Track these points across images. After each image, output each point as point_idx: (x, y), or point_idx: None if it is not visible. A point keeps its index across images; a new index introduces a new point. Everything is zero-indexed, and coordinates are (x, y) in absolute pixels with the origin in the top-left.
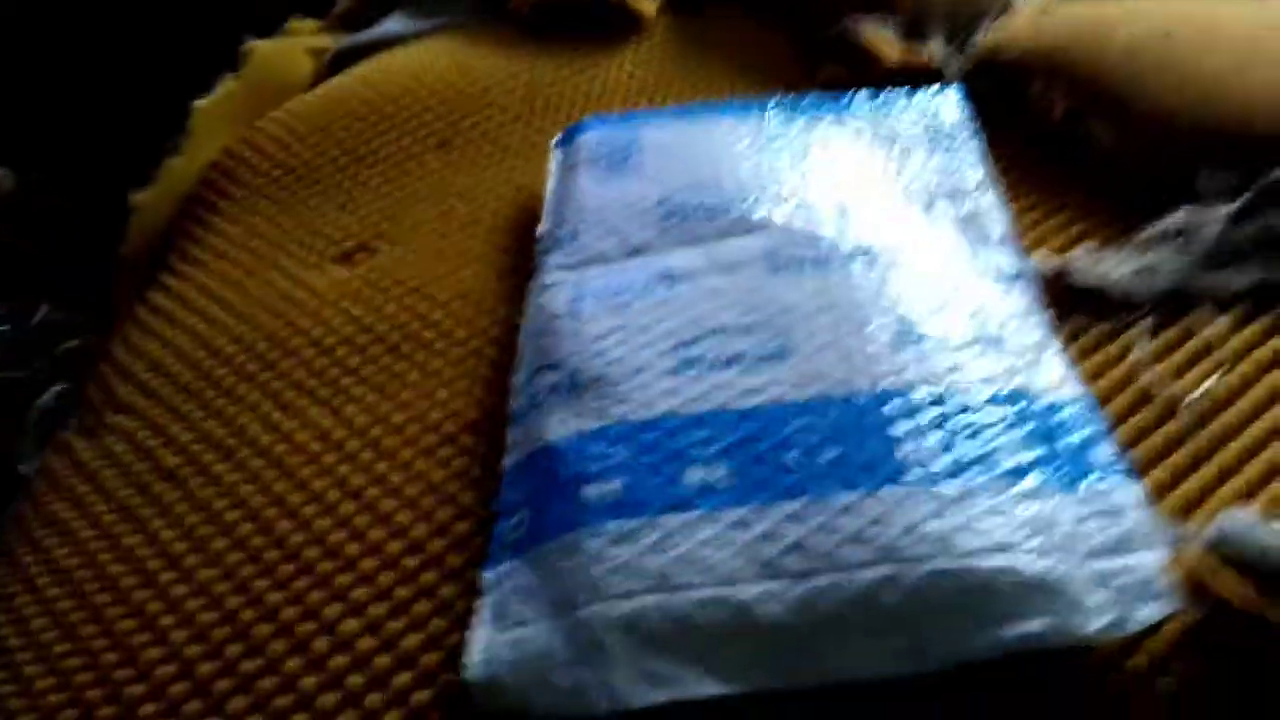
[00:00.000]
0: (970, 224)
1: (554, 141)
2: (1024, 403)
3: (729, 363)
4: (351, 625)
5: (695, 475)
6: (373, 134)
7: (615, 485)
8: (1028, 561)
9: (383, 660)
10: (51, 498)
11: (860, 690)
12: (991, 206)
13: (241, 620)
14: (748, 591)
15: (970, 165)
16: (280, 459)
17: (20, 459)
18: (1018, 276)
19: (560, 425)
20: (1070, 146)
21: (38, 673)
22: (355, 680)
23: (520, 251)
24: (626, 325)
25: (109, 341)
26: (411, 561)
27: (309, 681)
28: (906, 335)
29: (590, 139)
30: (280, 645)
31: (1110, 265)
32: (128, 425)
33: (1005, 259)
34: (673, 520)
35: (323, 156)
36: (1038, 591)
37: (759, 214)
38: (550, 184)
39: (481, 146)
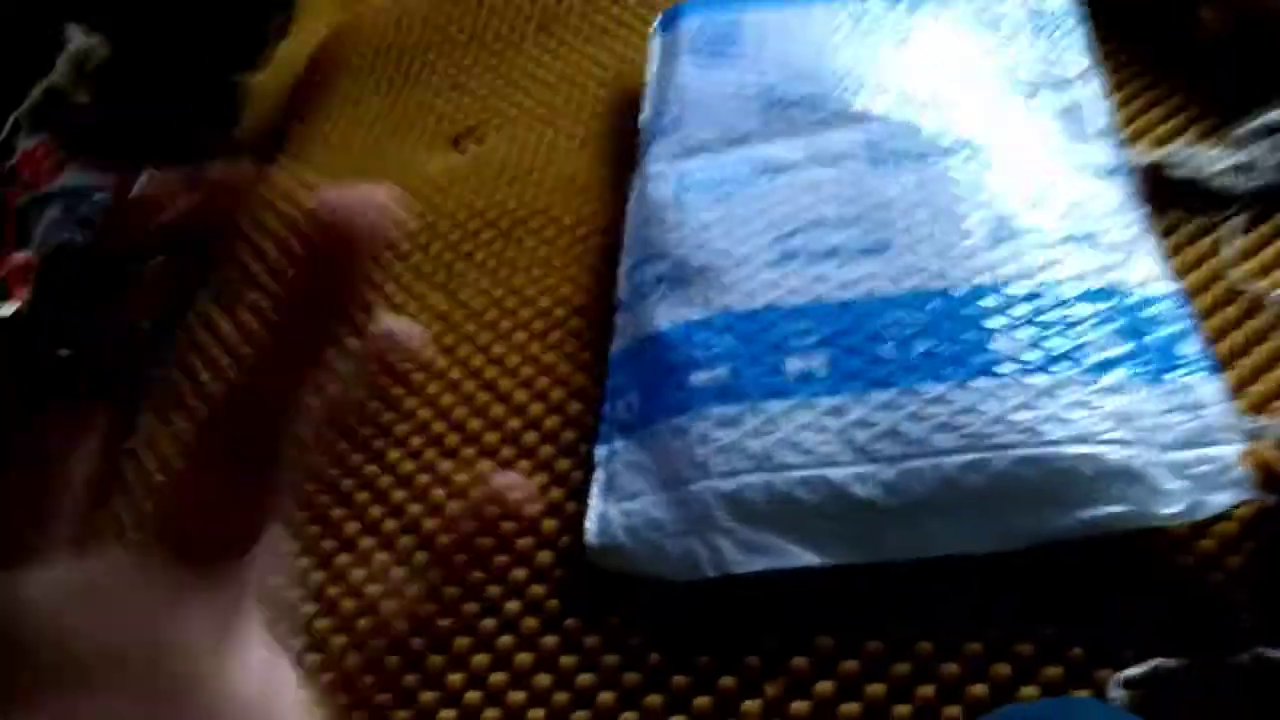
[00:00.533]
0: (1070, 116)
1: (654, 25)
2: (1115, 298)
3: (828, 255)
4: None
5: (795, 364)
6: (474, 16)
7: (720, 372)
8: (1109, 450)
9: (507, 525)
10: (195, 362)
11: (945, 566)
12: (1093, 98)
13: (379, 485)
14: (843, 473)
15: (1074, 53)
16: None
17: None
18: (1115, 170)
19: (667, 314)
20: (1177, 33)
21: None
22: (484, 542)
23: (623, 137)
24: (729, 216)
25: (234, 218)
26: (530, 437)
27: (443, 540)
28: (1002, 231)
29: (691, 24)
30: (416, 508)
31: (1207, 160)
32: (261, 303)
33: (1103, 153)
34: (774, 406)
35: (427, 39)
36: (1117, 478)
37: (859, 105)
38: (651, 70)
39: (580, 29)
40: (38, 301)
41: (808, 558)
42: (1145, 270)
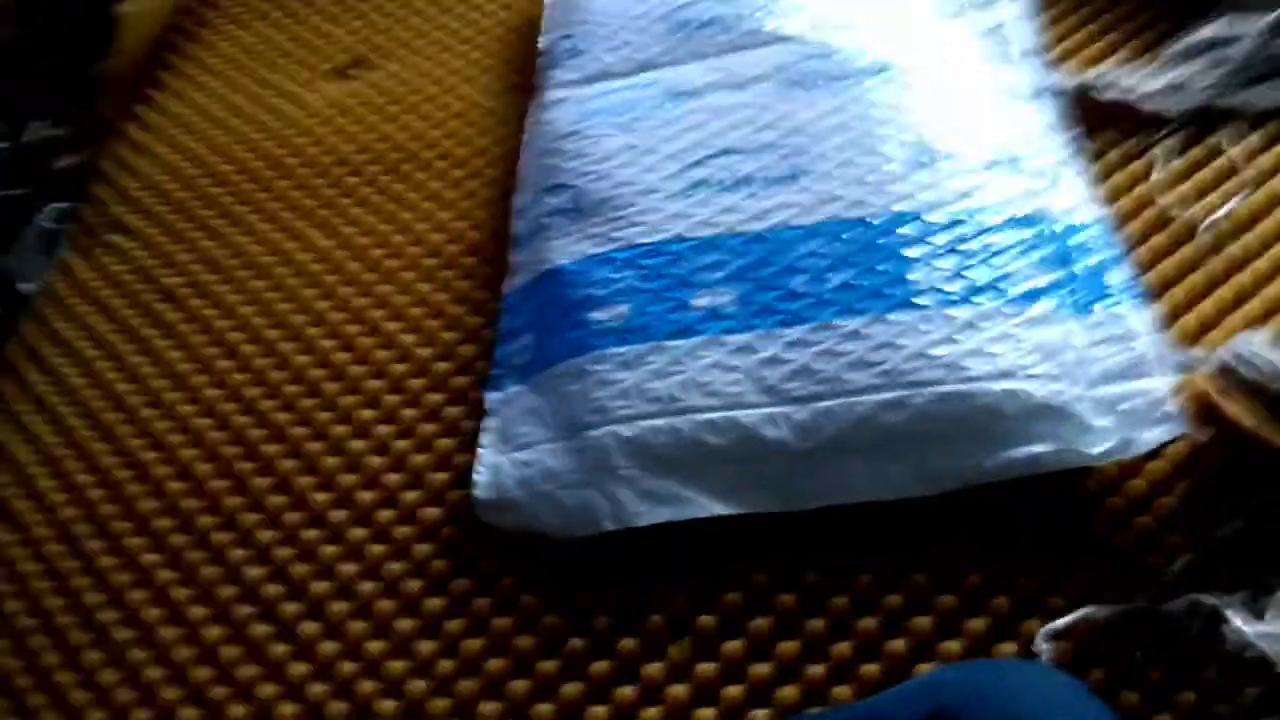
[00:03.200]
0: (995, 36)
1: None
2: (1041, 226)
3: (738, 184)
4: (359, 445)
5: (702, 300)
6: None
7: (622, 310)
8: (1035, 386)
9: (391, 478)
10: (55, 317)
11: (862, 513)
12: (1019, 18)
13: (249, 439)
14: (753, 414)
15: None
16: (281, 280)
17: (20, 277)
18: (1041, 93)
19: (566, 249)
20: None
21: (51, 486)
22: (365, 497)
23: (521, 65)
24: (634, 145)
25: (100, 159)
26: (417, 383)
27: (320, 499)
28: (922, 156)
29: None
30: (290, 464)
31: (1138, 80)
32: (125, 245)
33: (1029, 75)
34: (679, 345)
35: None
36: (1044, 416)
37: (772, 26)
38: None
39: None
40: None
41: (716, 507)
42: (1072, 196)
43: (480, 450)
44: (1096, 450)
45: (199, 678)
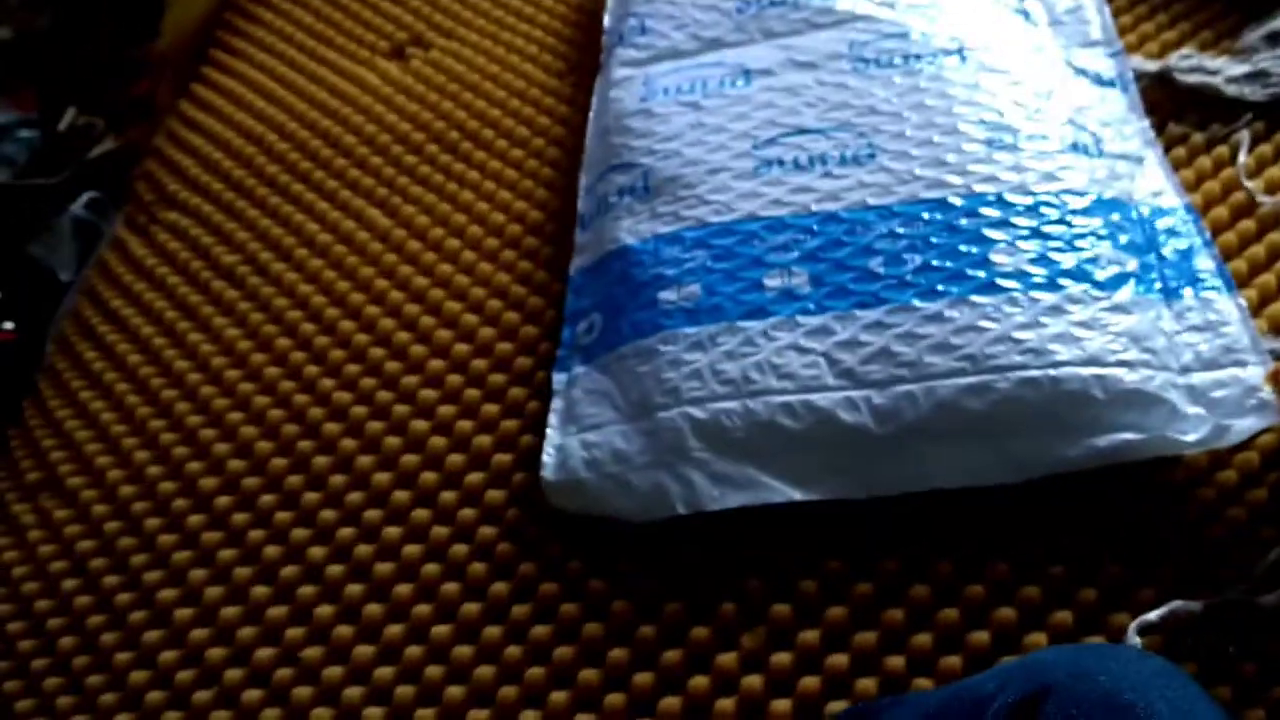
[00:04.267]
0: (1069, 19)
1: None
2: (1125, 211)
3: (812, 163)
4: (421, 425)
5: (775, 280)
6: None
7: (693, 289)
8: (1123, 373)
9: (455, 459)
10: (112, 296)
11: (942, 501)
12: (1089, 2)
13: (310, 417)
14: (829, 398)
15: None
16: (340, 259)
17: (59, 265)
18: (1117, 79)
19: (634, 228)
20: None
21: (108, 463)
22: (429, 477)
23: (581, 44)
24: (701, 124)
25: (153, 138)
26: (480, 364)
27: (381, 478)
28: (1001, 138)
29: None
30: (350, 443)
31: (1216, 68)
32: (181, 222)
33: (1104, 59)
34: (752, 326)
35: None
36: (1133, 402)
37: (844, 4)
38: None
39: None
40: None
41: (791, 492)
42: (1156, 181)
43: (548, 431)
44: (1188, 438)
45: (261, 659)
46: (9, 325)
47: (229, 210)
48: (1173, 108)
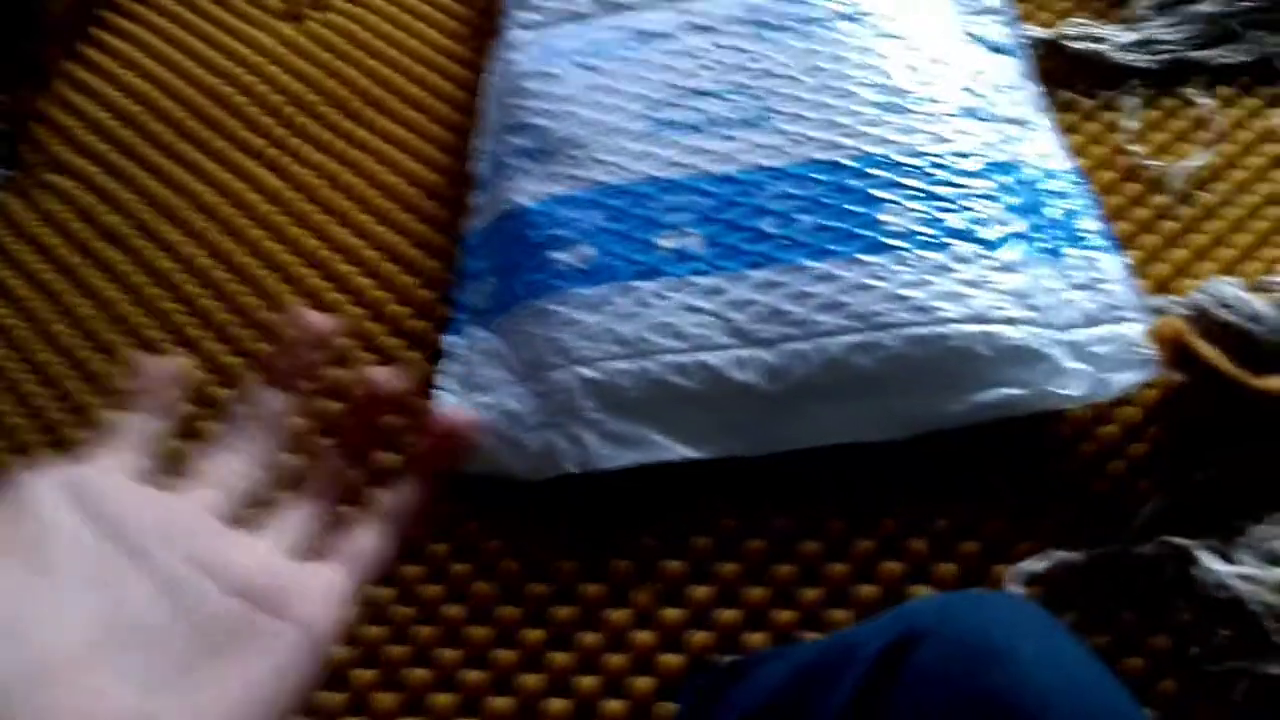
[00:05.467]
0: None
1: None
2: (1013, 173)
3: (708, 125)
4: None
5: (669, 241)
6: None
7: (587, 251)
8: (1008, 330)
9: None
10: None
11: (831, 456)
12: None
13: (195, 380)
14: (721, 356)
15: None
16: (229, 220)
17: None
18: (1010, 44)
19: (529, 190)
20: None
21: None
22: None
23: (481, 9)
24: (598, 86)
25: (40, 100)
26: (374, 328)
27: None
28: (894, 101)
29: None
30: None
31: (1104, 35)
32: (65, 185)
33: (998, 25)
34: (645, 286)
35: None
36: (1017, 359)
37: None
38: None
39: None
40: None
41: (683, 450)
42: (1043, 145)
43: (440, 394)
44: (1070, 393)
45: None
46: None
47: (114, 172)
48: (1064, 74)
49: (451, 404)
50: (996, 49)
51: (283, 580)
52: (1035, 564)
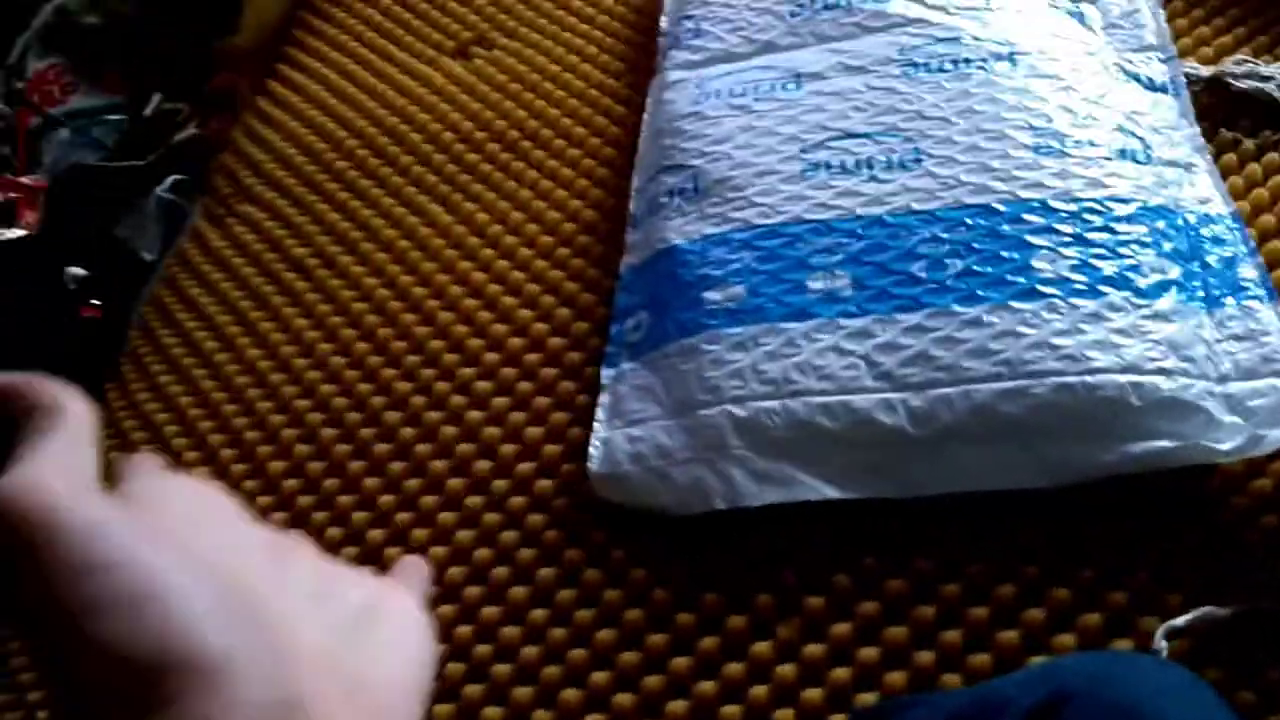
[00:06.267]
0: (1122, 24)
1: None
2: (1170, 218)
3: (859, 168)
4: (476, 415)
5: (818, 283)
6: None
7: (737, 290)
8: (1160, 380)
9: (507, 449)
10: (188, 283)
11: (976, 502)
12: (1146, 6)
13: (371, 406)
14: (868, 399)
15: None
16: (403, 254)
17: (144, 246)
18: (1169, 84)
19: (682, 229)
20: None
21: (184, 445)
22: (481, 466)
23: (638, 46)
24: (751, 127)
25: (230, 131)
26: (533, 358)
27: (437, 466)
28: (1048, 144)
29: None
30: (409, 432)
31: (1269, 73)
32: (256, 215)
33: (1156, 64)
34: (794, 327)
35: None
36: (1170, 410)
37: (893, 9)
38: None
39: None
40: (50, 222)
41: (827, 490)
42: (1202, 189)
43: (595, 425)
44: (1223, 447)
45: None
46: (95, 303)
47: (300, 204)
48: (1224, 113)
49: (604, 435)
50: (1155, 87)
51: (384, 584)
52: (1182, 618)
